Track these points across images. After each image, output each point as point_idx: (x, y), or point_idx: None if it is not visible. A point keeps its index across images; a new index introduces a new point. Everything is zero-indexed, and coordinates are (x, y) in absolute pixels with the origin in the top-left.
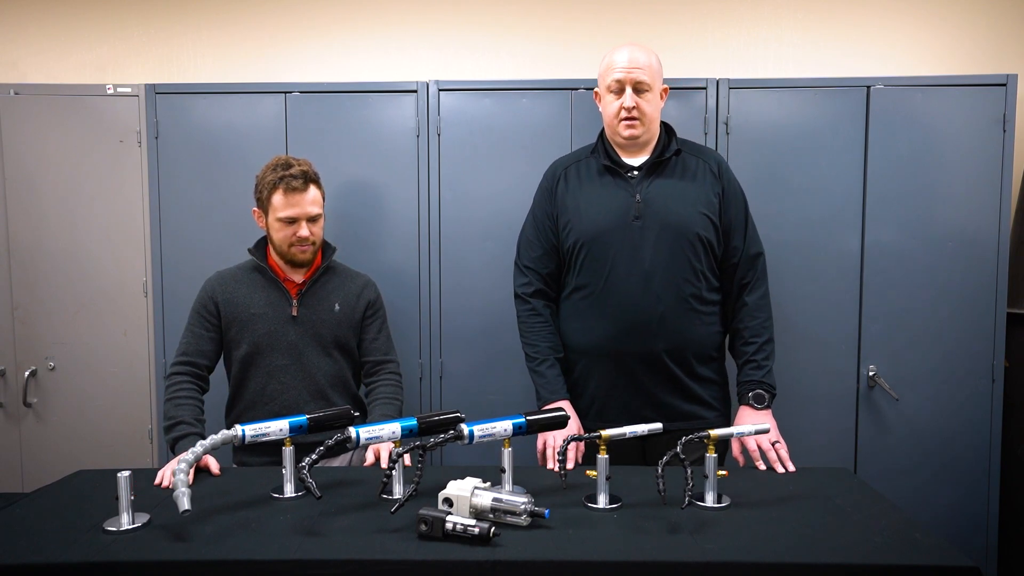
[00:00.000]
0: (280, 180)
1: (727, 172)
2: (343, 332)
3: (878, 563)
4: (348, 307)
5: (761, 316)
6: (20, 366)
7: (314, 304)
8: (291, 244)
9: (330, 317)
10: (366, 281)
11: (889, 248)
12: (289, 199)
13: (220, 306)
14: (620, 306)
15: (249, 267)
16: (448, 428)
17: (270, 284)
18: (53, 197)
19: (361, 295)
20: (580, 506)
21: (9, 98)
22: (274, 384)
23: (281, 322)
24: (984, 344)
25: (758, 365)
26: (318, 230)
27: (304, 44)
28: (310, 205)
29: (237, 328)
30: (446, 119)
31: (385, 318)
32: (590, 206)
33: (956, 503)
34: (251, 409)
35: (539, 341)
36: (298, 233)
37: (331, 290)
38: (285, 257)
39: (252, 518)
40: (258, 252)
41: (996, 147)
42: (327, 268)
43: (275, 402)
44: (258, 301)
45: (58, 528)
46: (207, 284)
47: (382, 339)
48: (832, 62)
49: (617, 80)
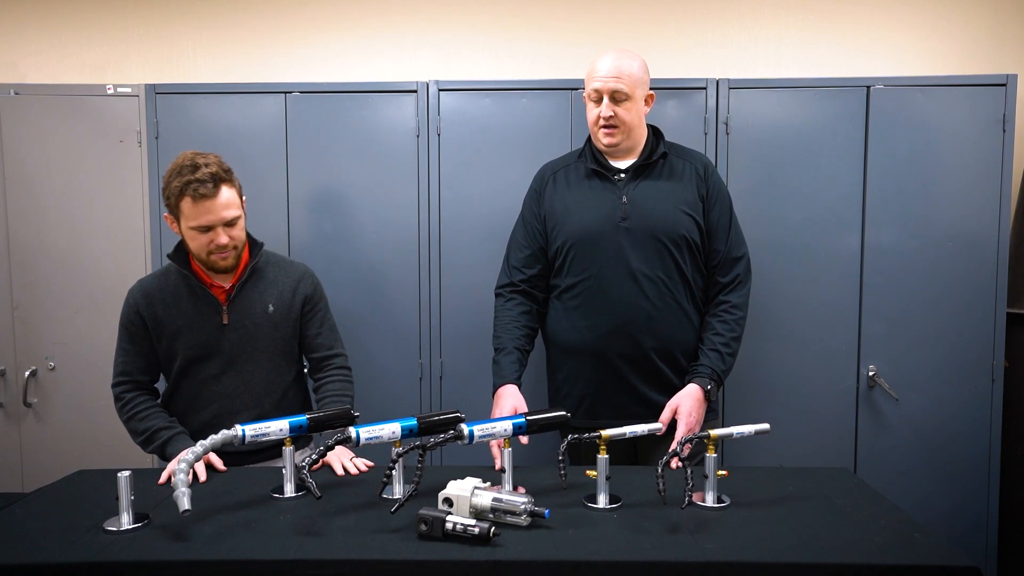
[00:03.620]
0: (186, 186)
1: (713, 174)
2: (280, 334)
3: (878, 563)
4: (283, 306)
5: (737, 313)
6: (20, 366)
7: (245, 308)
8: (209, 252)
9: (264, 320)
10: (300, 274)
11: (889, 248)
12: (199, 207)
13: (146, 320)
14: (608, 306)
15: (173, 275)
16: (448, 428)
17: (196, 292)
18: (53, 197)
19: (296, 291)
20: (580, 506)
21: (9, 98)
22: (206, 393)
23: (211, 331)
24: (984, 344)
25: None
26: (238, 233)
27: (304, 44)
28: (224, 210)
29: (167, 341)
30: (446, 119)
31: (327, 309)
32: (577, 209)
33: (956, 503)
34: (183, 418)
35: (503, 333)
36: (216, 241)
37: (262, 290)
38: (206, 265)
39: (252, 518)
40: (178, 257)
41: (996, 147)
42: (255, 268)
43: (207, 410)
44: (185, 312)
45: (58, 528)
46: (129, 297)
47: (325, 332)
48: (832, 62)
49: (595, 89)
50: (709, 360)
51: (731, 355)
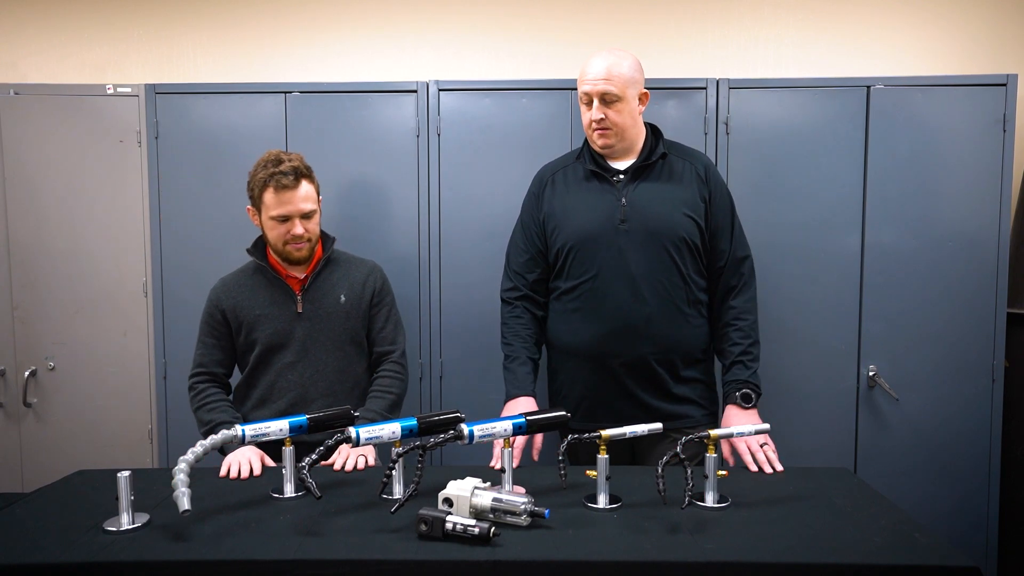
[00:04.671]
0: (270, 178)
1: (714, 175)
2: (351, 324)
3: (878, 563)
4: (354, 297)
5: (748, 319)
6: (20, 366)
7: (319, 298)
8: (286, 242)
9: (337, 310)
10: (371, 268)
11: (889, 248)
12: (280, 197)
13: (226, 313)
14: (607, 310)
15: (251, 269)
16: (448, 428)
17: (273, 283)
18: (53, 197)
19: (366, 283)
20: (580, 506)
21: (9, 98)
22: (282, 382)
23: (287, 320)
24: (984, 344)
25: (745, 365)
26: (313, 226)
27: (304, 44)
28: (302, 202)
29: (246, 331)
30: (446, 119)
31: (393, 304)
32: (576, 211)
33: (956, 503)
34: (260, 407)
35: (515, 341)
36: (292, 231)
37: (335, 282)
38: (281, 255)
39: (252, 518)
40: (257, 252)
41: (996, 147)
42: (328, 260)
43: (283, 399)
44: (262, 301)
45: (58, 528)
46: (212, 293)
47: (390, 327)
48: (832, 62)
49: (585, 92)
50: (732, 375)
51: (753, 360)
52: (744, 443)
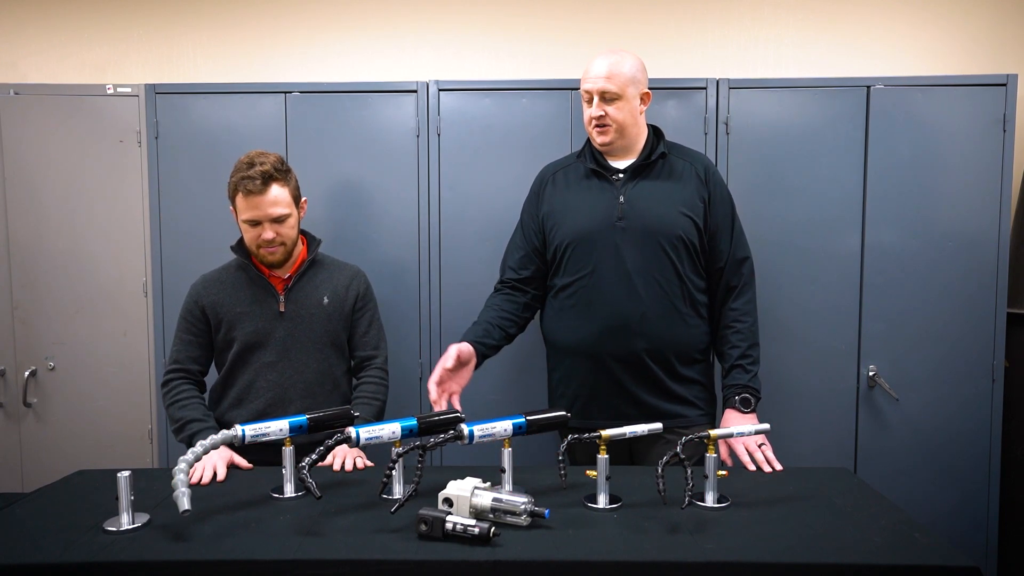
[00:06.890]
0: (240, 182)
1: (714, 175)
2: (333, 327)
3: (878, 563)
4: (337, 300)
5: (748, 320)
6: (20, 366)
7: (302, 299)
8: (259, 246)
9: (319, 311)
10: (354, 272)
11: (889, 248)
12: (249, 201)
13: (206, 310)
14: (602, 307)
15: (234, 266)
16: (448, 428)
17: (255, 281)
18: (53, 197)
19: (350, 287)
20: (580, 506)
21: (9, 98)
22: (261, 381)
23: (268, 319)
24: (984, 344)
25: (744, 369)
26: (287, 230)
27: (304, 44)
28: (271, 207)
29: (226, 328)
30: (446, 119)
31: (376, 310)
32: (575, 208)
33: (956, 503)
34: (237, 407)
35: (481, 317)
36: (262, 235)
37: (319, 284)
38: (257, 257)
39: (252, 518)
40: (241, 250)
41: (996, 147)
42: (313, 261)
43: (261, 399)
44: (244, 299)
45: (58, 528)
46: (192, 289)
47: (372, 332)
48: (832, 62)
49: (586, 90)
50: (731, 379)
51: (753, 363)
52: (742, 443)
